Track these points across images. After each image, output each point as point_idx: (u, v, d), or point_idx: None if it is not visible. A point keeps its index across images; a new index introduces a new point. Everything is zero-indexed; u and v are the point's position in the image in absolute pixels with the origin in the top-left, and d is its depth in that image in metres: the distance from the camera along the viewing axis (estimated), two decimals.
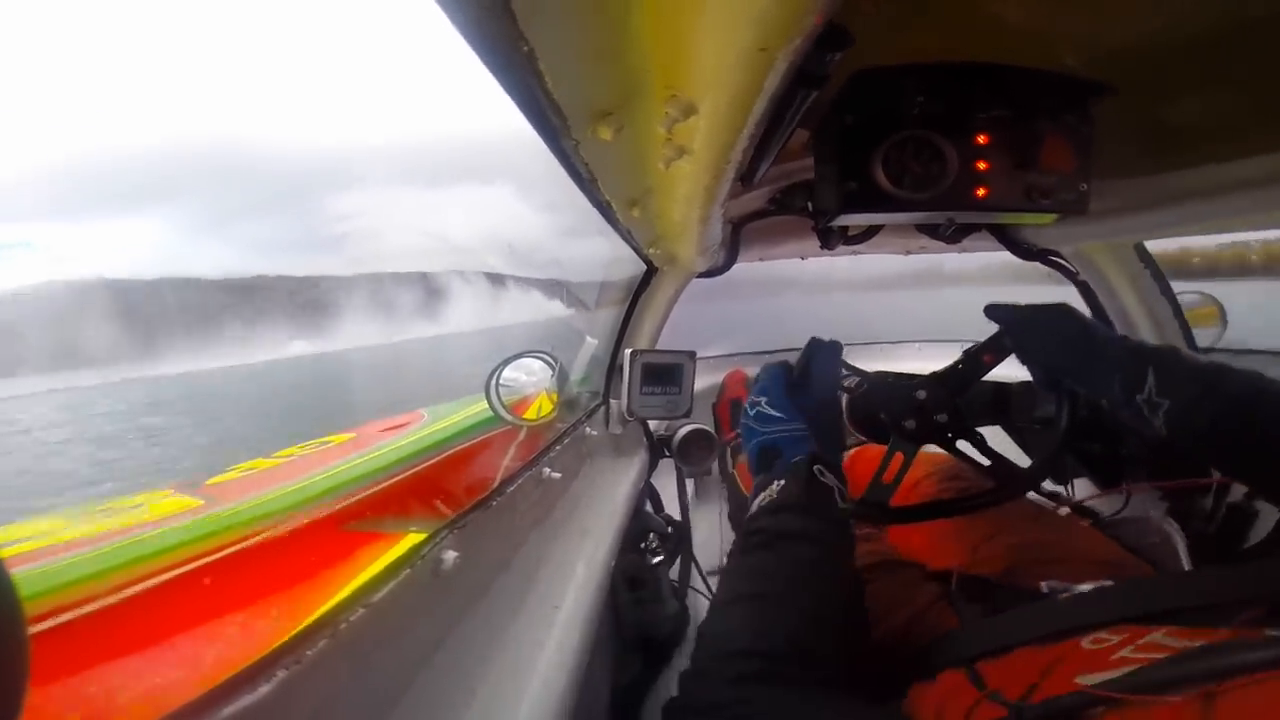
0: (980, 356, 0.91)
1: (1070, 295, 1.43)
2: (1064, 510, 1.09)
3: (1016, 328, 0.87)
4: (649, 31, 0.38)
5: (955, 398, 0.92)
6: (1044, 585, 0.70)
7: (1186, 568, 0.83)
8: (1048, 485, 1.07)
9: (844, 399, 1.05)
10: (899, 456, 0.91)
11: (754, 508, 0.68)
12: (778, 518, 0.63)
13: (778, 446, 0.72)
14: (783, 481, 0.66)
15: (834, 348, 0.83)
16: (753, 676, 0.48)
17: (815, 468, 0.66)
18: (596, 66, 0.39)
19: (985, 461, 0.93)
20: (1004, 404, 1.09)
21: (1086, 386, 0.81)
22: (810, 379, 0.80)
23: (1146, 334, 1.37)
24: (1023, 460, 0.97)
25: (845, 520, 0.66)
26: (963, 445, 0.95)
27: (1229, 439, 0.66)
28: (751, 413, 0.77)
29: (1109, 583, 0.65)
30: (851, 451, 1.37)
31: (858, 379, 1.06)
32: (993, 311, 0.89)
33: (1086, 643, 0.49)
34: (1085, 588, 0.65)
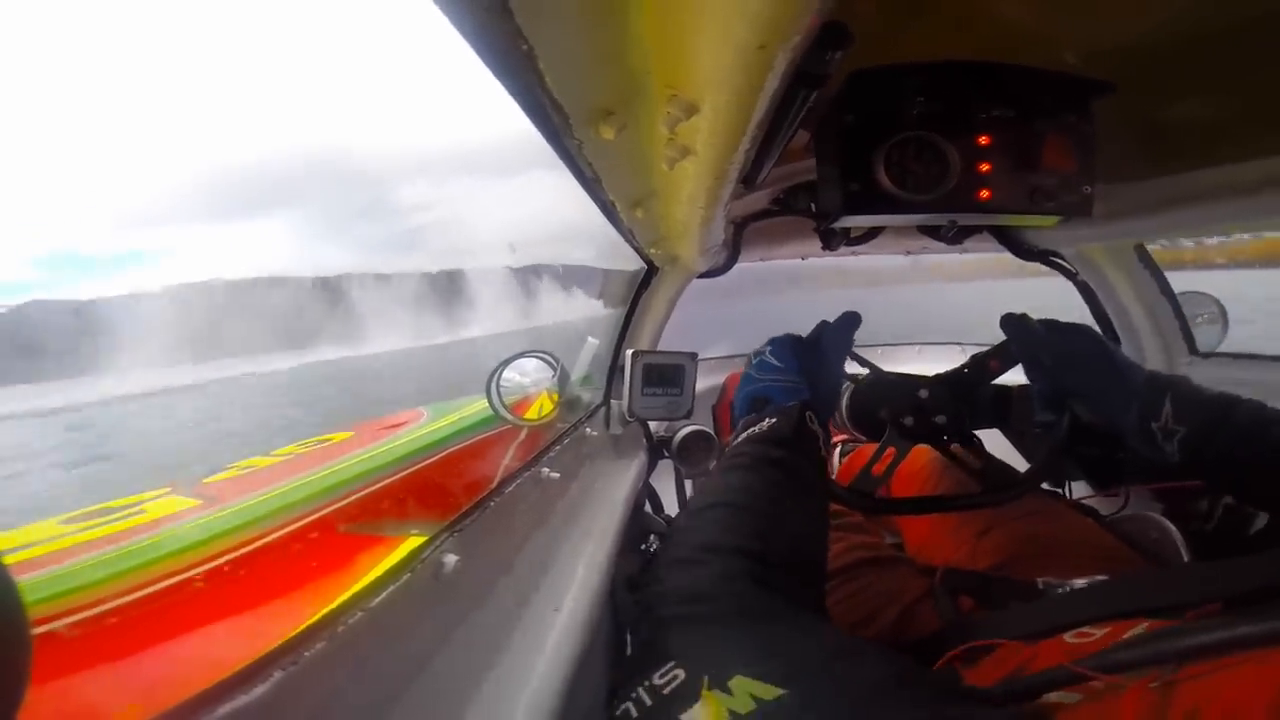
0: (986, 363, 0.91)
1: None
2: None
3: (1030, 343, 0.86)
4: (648, 30, 0.37)
5: (957, 400, 0.92)
6: (1040, 582, 0.70)
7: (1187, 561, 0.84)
8: (1045, 486, 1.07)
9: (849, 390, 1.05)
10: (891, 451, 0.91)
11: (739, 439, 0.67)
12: (764, 446, 0.63)
13: (769, 394, 0.72)
14: (774, 420, 0.66)
15: (850, 319, 0.83)
16: (742, 574, 0.47)
17: (807, 413, 0.66)
18: (596, 65, 0.39)
19: (976, 465, 0.93)
20: (1005, 408, 1.09)
21: (1099, 410, 0.80)
22: (822, 343, 0.80)
23: (1147, 336, 1.37)
24: (1020, 463, 0.97)
25: (823, 468, 0.67)
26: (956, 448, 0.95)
27: (1242, 465, 0.69)
28: (754, 362, 0.77)
29: (1103, 578, 0.65)
30: (853, 450, 1.37)
31: (866, 371, 1.05)
32: (1008, 322, 0.88)
33: (1070, 636, 0.50)
34: (1080, 583, 0.65)
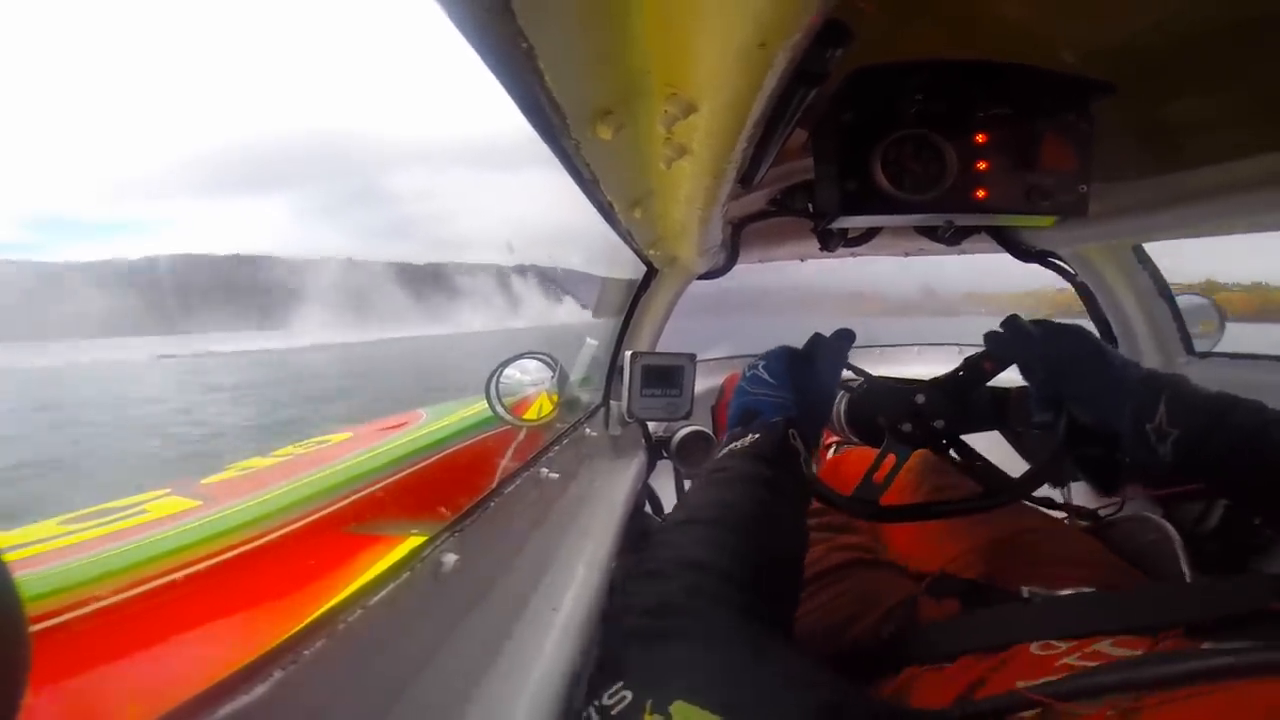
0: (980, 364, 0.91)
1: None
2: (1060, 514, 1.09)
3: (1023, 344, 0.86)
4: (648, 29, 0.37)
5: (953, 404, 0.92)
6: (1025, 590, 0.70)
7: (1184, 567, 0.83)
8: (1043, 490, 1.07)
9: (844, 398, 1.05)
10: (891, 457, 0.91)
11: (722, 453, 0.68)
12: (745, 461, 0.63)
13: (758, 408, 0.73)
14: (757, 435, 0.67)
15: (845, 336, 0.84)
16: (706, 591, 0.46)
17: (790, 430, 0.67)
18: (596, 65, 0.39)
19: (976, 469, 0.93)
20: (1003, 409, 1.09)
21: (1093, 411, 0.80)
22: (815, 361, 0.81)
23: (1144, 337, 1.37)
24: (1019, 463, 0.96)
25: (805, 485, 0.67)
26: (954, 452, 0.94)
27: (1238, 468, 0.67)
28: (748, 374, 0.78)
29: (1088, 590, 0.65)
30: (843, 451, 1.37)
31: (860, 379, 1.06)
32: (1007, 325, 0.88)
33: (1035, 648, 0.49)
34: (1065, 593, 0.65)
